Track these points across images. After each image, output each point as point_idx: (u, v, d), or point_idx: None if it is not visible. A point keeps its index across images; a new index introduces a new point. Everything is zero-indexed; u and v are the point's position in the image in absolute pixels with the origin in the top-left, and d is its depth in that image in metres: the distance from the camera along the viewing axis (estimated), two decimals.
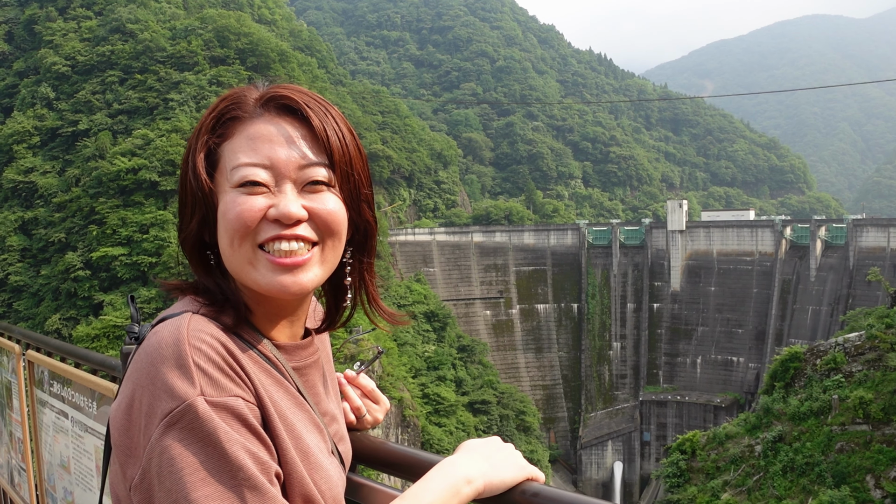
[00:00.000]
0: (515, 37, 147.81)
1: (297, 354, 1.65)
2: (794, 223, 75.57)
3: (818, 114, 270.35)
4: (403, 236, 79.22)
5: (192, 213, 1.53)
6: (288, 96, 1.53)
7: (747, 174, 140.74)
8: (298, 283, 1.50)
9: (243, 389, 1.39)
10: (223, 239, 1.49)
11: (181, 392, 1.31)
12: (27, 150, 63.61)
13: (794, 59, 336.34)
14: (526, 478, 1.59)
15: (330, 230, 1.53)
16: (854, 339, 32.59)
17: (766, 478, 30.22)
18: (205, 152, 1.53)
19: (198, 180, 1.50)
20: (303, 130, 1.52)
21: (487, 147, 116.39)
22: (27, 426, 4.17)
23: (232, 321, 1.50)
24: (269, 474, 1.35)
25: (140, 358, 1.41)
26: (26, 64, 70.56)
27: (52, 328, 52.09)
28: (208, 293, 1.56)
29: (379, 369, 52.99)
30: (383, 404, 2.11)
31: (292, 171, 1.48)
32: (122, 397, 1.41)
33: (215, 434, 1.30)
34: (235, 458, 1.30)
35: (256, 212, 1.46)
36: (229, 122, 1.53)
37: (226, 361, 1.39)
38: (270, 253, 1.47)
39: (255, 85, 1.61)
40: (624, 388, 78.67)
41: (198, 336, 1.39)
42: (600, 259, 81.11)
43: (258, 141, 1.49)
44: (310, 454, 1.50)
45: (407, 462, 1.78)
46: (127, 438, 1.37)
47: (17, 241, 59.34)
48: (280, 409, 1.47)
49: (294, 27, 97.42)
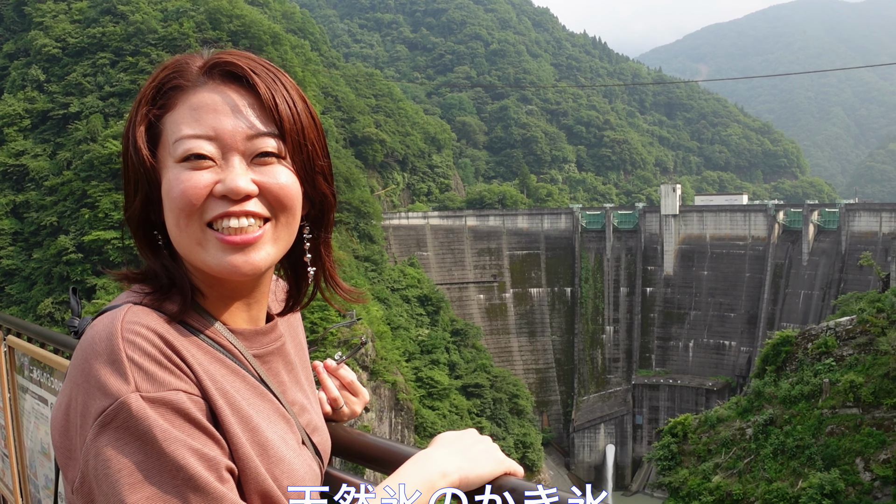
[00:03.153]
0: (510, 20, 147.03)
1: (257, 341, 1.55)
2: (787, 208, 75.78)
3: (812, 98, 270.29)
4: (397, 220, 79.10)
5: (136, 191, 1.44)
6: (232, 62, 1.45)
7: (741, 158, 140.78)
8: (250, 263, 1.41)
9: (185, 382, 1.30)
10: (169, 218, 1.40)
11: (114, 389, 1.23)
12: (18, 132, 63.18)
13: (789, 43, 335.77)
14: (503, 472, 1.52)
15: (282, 205, 1.43)
16: (845, 323, 32.71)
17: (757, 460, 30.39)
18: (146, 125, 1.43)
19: (139, 155, 1.41)
20: (250, 99, 1.43)
21: (481, 131, 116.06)
22: (9, 413, 4.12)
23: (177, 308, 1.42)
24: (217, 471, 1.26)
25: (76, 354, 1.33)
26: (16, 46, 69.93)
27: (44, 312, 51.99)
28: (154, 279, 1.46)
29: (372, 353, 53.05)
30: (362, 397, 2.03)
31: (239, 142, 1.39)
32: (61, 397, 1.34)
33: (151, 432, 1.21)
34: (175, 457, 1.21)
35: (202, 188, 1.36)
36: (171, 92, 1.43)
37: (163, 353, 1.30)
38: (220, 231, 1.39)
39: (199, 52, 1.51)
40: (617, 371, 78.95)
41: (132, 329, 1.30)
42: (594, 243, 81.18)
43: (202, 111, 1.40)
44: (268, 447, 1.41)
45: (383, 455, 1.74)
46: (66, 440, 1.30)
47: (9, 225, 59.06)
48: (233, 400, 1.38)
49: (287, 9, 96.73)
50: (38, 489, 3.72)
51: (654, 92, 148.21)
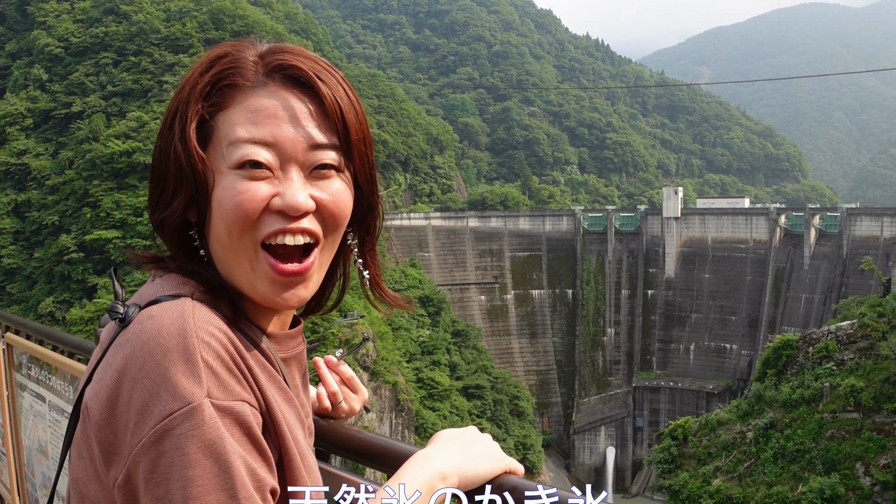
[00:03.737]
0: (512, 21, 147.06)
1: (286, 344, 1.51)
2: (789, 211, 75.71)
3: (814, 102, 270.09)
4: (399, 221, 79.08)
5: (176, 191, 1.33)
6: (296, 66, 1.35)
7: (743, 162, 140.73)
8: (297, 297, 1.37)
9: (249, 393, 1.24)
10: (219, 228, 1.32)
11: (186, 392, 1.15)
12: (20, 132, 63.25)
13: (791, 47, 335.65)
14: (503, 471, 1.50)
15: (336, 223, 1.38)
16: (846, 327, 32.70)
17: (758, 464, 30.36)
18: (196, 123, 1.33)
19: (189, 153, 1.31)
20: (312, 105, 1.34)
21: (483, 132, 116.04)
22: (7, 410, 4.11)
23: (231, 313, 1.34)
24: (263, 492, 1.20)
25: (132, 345, 1.22)
26: (19, 45, 70.02)
27: (45, 311, 52.02)
28: (196, 276, 1.38)
29: (373, 353, 53.05)
30: (361, 394, 1.99)
31: (300, 152, 1.31)
32: (103, 387, 1.22)
33: (221, 444, 1.15)
34: (238, 474, 1.15)
35: (259, 201, 1.28)
36: (226, 90, 1.34)
37: (234, 360, 1.24)
38: (273, 252, 1.32)
39: (250, 42, 1.41)
40: (617, 373, 78.90)
41: (206, 329, 1.22)
42: (595, 245, 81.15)
43: (260, 114, 1.31)
44: (305, 456, 1.38)
45: (382, 452, 1.72)
46: (109, 434, 1.20)
47: (11, 224, 59.11)
48: (282, 412, 1.34)
49: (290, 10, 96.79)
50: (35, 487, 3.71)
51: (656, 94, 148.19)
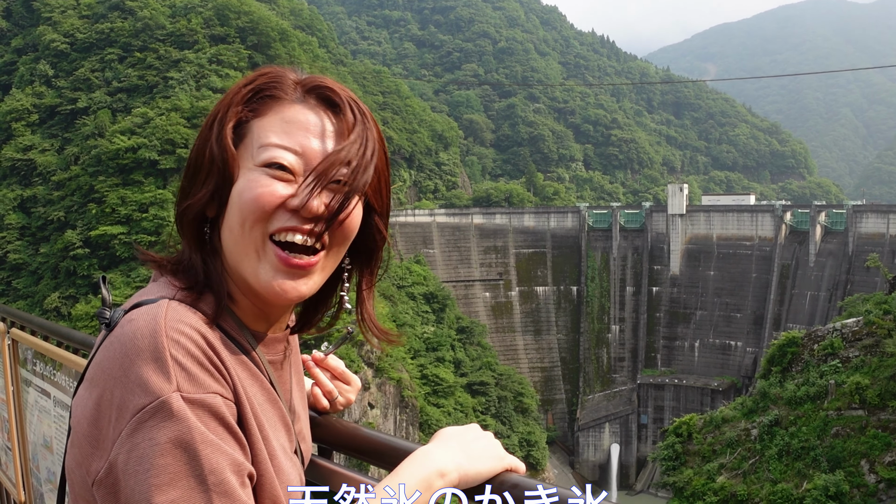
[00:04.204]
0: (518, 18, 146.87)
1: (273, 347, 1.58)
2: (795, 208, 75.57)
3: (820, 99, 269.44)
4: (403, 217, 79.10)
5: (204, 182, 1.45)
6: (333, 89, 1.49)
7: (748, 159, 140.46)
8: (297, 290, 1.45)
9: (222, 386, 1.33)
10: (233, 217, 1.43)
11: (155, 387, 1.24)
12: (26, 127, 63.36)
13: (798, 43, 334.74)
14: (504, 468, 1.52)
15: (343, 234, 1.48)
16: (852, 324, 32.63)
17: (762, 461, 30.34)
18: (234, 123, 1.46)
19: (222, 149, 1.44)
20: (339, 127, 1.47)
21: (488, 129, 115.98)
22: (12, 406, 4.12)
23: (212, 310, 1.43)
24: (241, 476, 1.28)
25: (113, 347, 1.33)
26: (25, 41, 70.10)
27: (51, 306, 52.16)
28: (188, 274, 1.47)
29: (378, 350, 53.07)
30: (355, 384, 2.02)
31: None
32: (91, 385, 1.34)
33: (189, 434, 1.23)
34: (208, 460, 1.23)
35: (277, 197, 1.39)
36: (266, 99, 1.47)
37: (206, 355, 1.32)
38: (281, 246, 1.42)
39: (293, 69, 1.54)
40: (622, 370, 78.90)
41: (176, 327, 1.31)
42: (600, 242, 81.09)
43: (293, 125, 1.44)
44: (275, 456, 1.44)
45: (381, 449, 1.73)
46: (95, 429, 1.30)
47: (16, 219, 59.24)
48: (254, 406, 1.41)
49: (295, 6, 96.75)
50: (40, 482, 3.73)
51: (661, 91, 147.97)
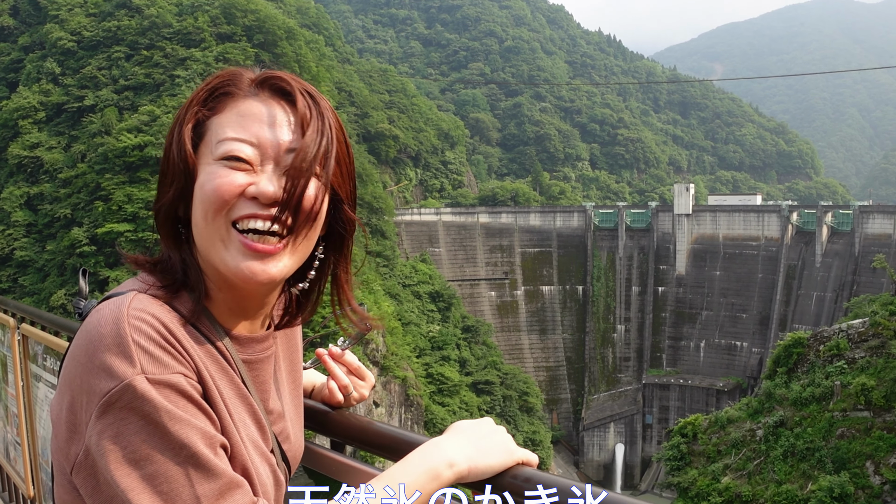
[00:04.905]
0: (524, 17, 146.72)
1: (250, 347, 1.61)
2: (801, 209, 75.40)
3: (827, 99, 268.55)
4: (409, 216, 79.13)
5: (171, 184, 1.50)
6: (284, 79, 1.53)
7: (755, 158, 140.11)
8: (267, 272, 1.46)
9: (185, 367, 1.37)
10: (197, 211, 1.46)
11: (119, 371, 1.29)
12: (33, 125, 63.51)
13: (804, 43, 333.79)
14: (515, 462, 1.53)
15: (305, 216, 1.48)
16: (858, 325, 32.53)
17: (767, 462, 30.27)
18: (193, 123, 1.51)
19: (181, 150, 1.48)
20: (293, 116, 1.50)
21: (494, 128, 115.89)
22: (22, 401, 4.15)
23: (188, 309, 1.48)
24: (213, 447, 1.34)
25: (80, 336, 1.39)
26: (31, 39, 70.26)
27: (57, 303, 52.26)
28: (167, 273, 1.51)
29: (383, 348, 53.14)
30: (369, 380, 2.05)
31: (277, 152, 1.47)
32: (64, 374, 1.40)
33: (156, 412, 1.28)
34: (178, 435, 1.29)
35: (236, 187, 1.43)
36: (222, 97, 1.52)
37: (166, 339, 1.36)
38: (244, 233, 1.45)
39: (251, 67, 1.59)
40: (627, 370, 78.82)
41: (137, 315, 1.36)
42: (606, 241, 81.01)
43: (248, 118, 1.48)
44: (244, 444, 1.48)
45: (393, 442, 1.75)
46: (70, 414, 1.35)
47: (23, 217, 59.40)
48: (222, 392, 1.46)
49: (301, 4, 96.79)
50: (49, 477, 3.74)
51: (668, 90, 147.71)
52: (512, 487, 1.49)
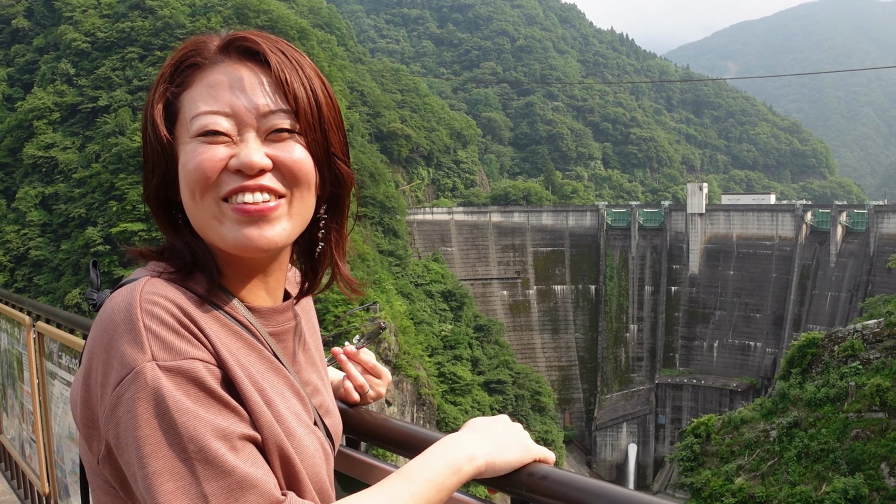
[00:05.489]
0: (536, 16, 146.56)
1: (273, 318, 1.54)
2: (815, 208, 74.98)
3: (842, 98, 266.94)
4: (421, 215, 79.18)
5: (154, 169, 1.45)
6: (249, 38, 1.45)
7: (769, 158, 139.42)
8: (265, 237, 1.40)
9: (201, 350, 1.30)
10: (185, 193, 1.41)
11: (130, 359, 1.24)
12: (47, 125, 63.93)
13: (819, 41, 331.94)
14: (533, 459, 1.52)
15: (296, 179, 1.42)
16: (872, 326, 32.31)
17: (781, 463, 30.13)
18: (163, 103, 1.44)
19: (156, 132, 1.42)
20: (265, 76, 1.42)
21: (507, 127, 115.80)
22: (37, 398, 4.17)
23: (203, 288, 1.42)
24: (230, 441, 1.25)
25: (95, 325, 1.34)
26: (46, 40, 70.74)
27: (72, 302, 52.60)
28: (176, 258, 1.46)
29: (395, 347, 53.17)
30: (385, 378, 2.03)
31: (254, 118, 1.39)
32: (81, 367, 1.36)
33: (164, 402, 1.21)
34: (185, 428, 1.21)
35: (217, 161, 1.37)
36: (188, 70, 1.44)
37: (181, 322, 1.30)
38: (235, 204, 1.38)
39: (217, 33, 1.50)
40: (640, 370, 78.60)
41: (150, 299, 1.30)
42: (619, 241, 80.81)
43: (218, 88, 1.40)
44: (281, 420, 1.39)
45: (410, 439, 1.74)
46: (87, 410, 1.31)
47: (38, 216, 59.82)
48: (249, 372, 1.37)
49: (313, 4, 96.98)
50: (65, 474, 3.76)
51: (681, 89, 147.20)
52: (529, 484, 1.48)
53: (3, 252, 58.55)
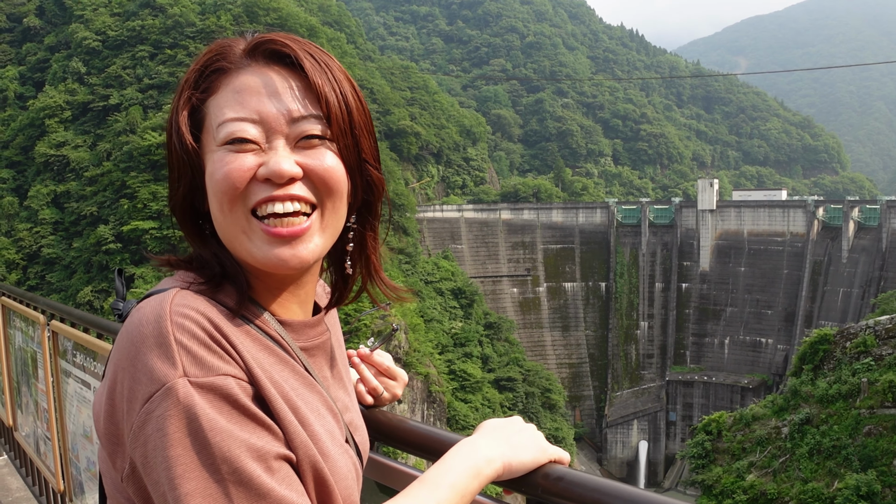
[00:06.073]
0: (546, 12, 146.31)
1: (304, 333, 1.48)
2: (827, 204, 74.60)
3: (854, 92, 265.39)
4: (431, 213, 79.19)
5: (180, 178, 1.38)
6: (277, 41, 1.38)
7: (780, 153, 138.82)
8: (297, 257, 1.34)
9: (233, 366, 1.24)
10: (213, 204, 1.34)
11: (161, 374, 1.18)
12: (59, 124, 64.30)
13: (830, 35, 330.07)
14: (549, 460, 1.51)
15: (329, 189, 1.36)
16: (885, 321, 32.14)
17: (793, 460, 30.04)
18: (188, 110, 1.38)
19: (181, 140, 1.36)
20: (294, 80, 1.36)
21: (516, 124, 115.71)
22: (52, 396, 4.20)
23: (234, 301, 1.35)
24: (265, 461, 1.20)
25: (121, 337, 1.27)
26: (57, 38, 71.10)
27: (83, 300, 52.91)
28: (205, 268, 1.40)
29: (405, 345, 53.24)
30: (401, 379, 1.98)
31: (284, 125, 1.33)
32: (105, 380, 1.29)
33: (197, 421, 1.16)
34: (219, 448, 1.16)
35: (245, 170, 1.30)
36: (213, 76, 1.38)
37: (212, 337, 1.24)
38: (264, 219, 1.32)
39: (242, 35, 1.44)
40: (651, 367, 78.43)
41: (181, 311, 1.24)
42: (629, 238, 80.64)
43: (245, 94, 1.34)
44: (316, 439, 1.33)
45: (426, 441, 1.73)
46: (112, 425, 1.25)
47: (50, 215, 60.18)
48: (282, 388, 1.31)
49: (323, 2, 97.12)
50: (79, 472, 3.79)
51: (691, 85, 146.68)
52: (545, 485, 1.47)
53: (15, 250, 58.94)
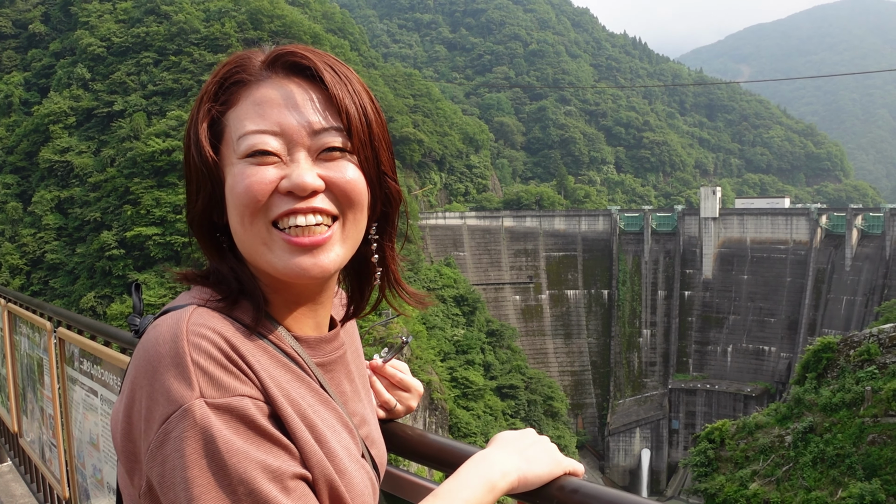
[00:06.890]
0: (549, 20, 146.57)
1: (320, 349, 1.48)
2: (830, 211, 74.52)
3: (857, 100, 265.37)
4: (434, 220, 79.23)
5: (198, 191, 1.38)
6: (297, 53, 1.38)
7: (783, 161, 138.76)
8: (319, 265, 1.34)
9: (250, 387, 1.24)
10: (233, 217, 1.34)
11: (178, 395, 1.19)
12: (63, 130, 64.46)
13: (833, 43, 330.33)
14: (563, 472, 1.50)
15: (350, 201, 1.36)
16: (889, 330, 32.05)
17: (796, 468, 29.94)
18: (208, 122, 1.37)
19: (201, 153, 1.35)
20: (315, 93, 1.36)
21: (519, 131, 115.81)
22: (58, 403, 4.20)
23: (250, 318, 1.35)
24: (281, 482, 1.20)
25: (138, 354, 1.28)
26: (62, 45, 71.32)
27: (87, 306, 52.94)
28: (222, 284, 1.40)
29: (408, 352, 53.20)
30: (416, 391, 1.95)
31: (305, 137, 1.33)
32: (122, 397, 1.30)
33: (214, 443, 1.17)
34: (235, 469, 1.17)
35: (267, 183, 1.30)
36: (233, 88, 1.38)
37: (228, 358, 1.24)
38: (286, 231, 1.32)
39: (261, 48, 1.45)
40: (653, 375, 78.30)
41: (197, 331, 1.24)
42: (631, 245, 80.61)
43: (266, 106, 1.33)
44: (334, 457, 1.34)
45: (441, 454, 1.72)
46: (129, 443, 1.27)
47: (54, 220, 60.27)
48: (299, 406, 1.32)
49: (327, 9, 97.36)
50: (85, 479, 3.78)
51: (694, 93, 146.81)
52: (560, 498, 1.46)
53: (19, 255, 59.03)
